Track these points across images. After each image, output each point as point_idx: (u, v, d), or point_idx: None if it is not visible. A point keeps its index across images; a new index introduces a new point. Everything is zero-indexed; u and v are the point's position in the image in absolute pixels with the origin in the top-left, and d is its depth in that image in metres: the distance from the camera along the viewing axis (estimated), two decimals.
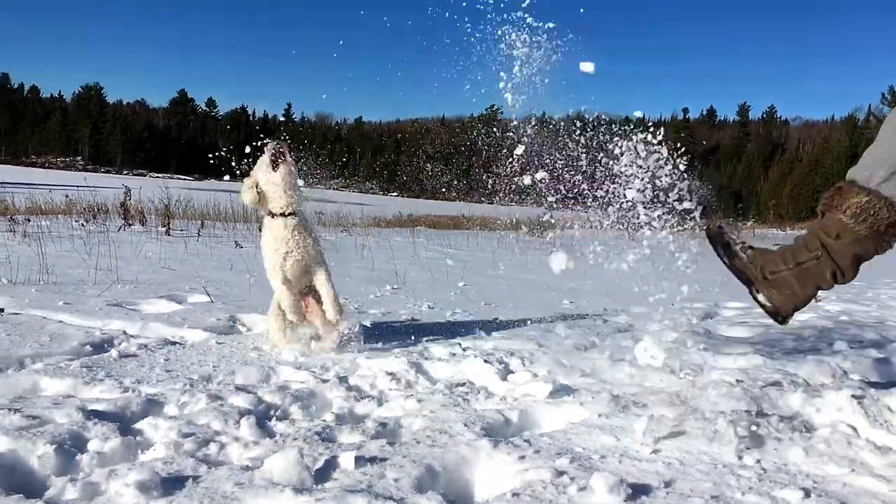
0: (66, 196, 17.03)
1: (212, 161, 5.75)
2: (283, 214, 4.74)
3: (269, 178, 4.73)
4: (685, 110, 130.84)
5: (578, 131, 5.16)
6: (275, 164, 4.74)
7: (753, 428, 3.31)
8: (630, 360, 4.64)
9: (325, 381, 4.04)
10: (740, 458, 2.94)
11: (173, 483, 2.56)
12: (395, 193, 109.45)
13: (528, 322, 6.42)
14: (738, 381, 4.08)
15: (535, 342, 5.29)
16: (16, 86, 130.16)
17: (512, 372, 4.30)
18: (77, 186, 22.89)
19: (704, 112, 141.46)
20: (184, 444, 2.97)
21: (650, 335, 5.84)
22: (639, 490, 2.56)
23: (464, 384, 4.09)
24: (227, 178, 5.42)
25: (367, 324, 5.86)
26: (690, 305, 8.03)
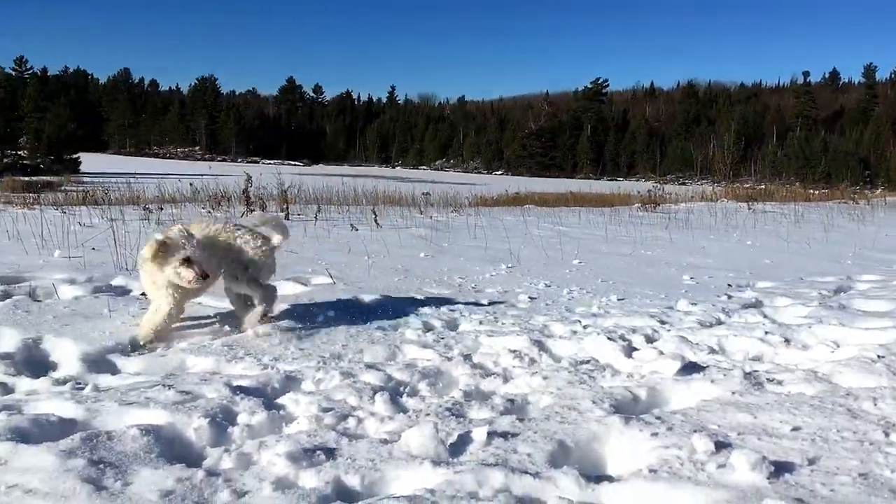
0: (191, 184, 17.95)
1: None
2: None
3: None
4: (805, 73, 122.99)
5: None
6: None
7: None
8: (760, 336, 4.49)
9: (449, 359, 4.13)
10: (887, 435, 2.81)
11: (319, 454, 2.70)
12: (499, 172, 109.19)
13: (648, 298, 6.31)
14: (878, 356, 3.89)
15: (656, 319, 5.20)
16: (136, 80, 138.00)
17: (636, 349, 4.26)
18: (201, 175, 24.10)
19: (827, 75, 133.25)
20: (324, 418, 3.13)
21: (780, 311, 5.66)
22: (782, 468, 2.50)
23: (588, 361, 4.09)
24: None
25: (485, 302, 5.93)
26: (821, 279, 7.67)
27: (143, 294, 5.89)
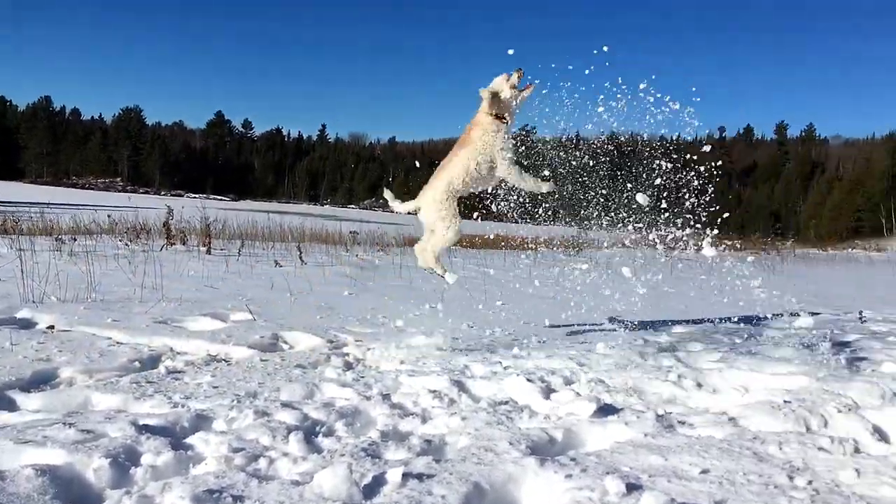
0: (109, 216, 17.42)
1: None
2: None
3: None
4: (721, 129, 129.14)
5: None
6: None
7: (803, 449, 3.28)
8: (673, 380, 4.59)
9: (368, 398, 4.07)
10: (791, 479, 2.90)
11: (226, 497, 2.60)
12: None
13: (568, 340, 6.40)
14: (785, 401, 4.03)
15: (575, 361, 5.26)
16: (57, 108, 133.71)
17: (554, 391, 4.29)
18: (120, 207, 23.41)
19: (741, 131, 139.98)
20: (234, 458, 3.03)
21: (693, 355, 5.81)
22: None
23: (506, 402, 4.10)
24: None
25: (407, 342, 5.89)
26: (733, 325, 7.93)
27: (49, 327, 5.64)
